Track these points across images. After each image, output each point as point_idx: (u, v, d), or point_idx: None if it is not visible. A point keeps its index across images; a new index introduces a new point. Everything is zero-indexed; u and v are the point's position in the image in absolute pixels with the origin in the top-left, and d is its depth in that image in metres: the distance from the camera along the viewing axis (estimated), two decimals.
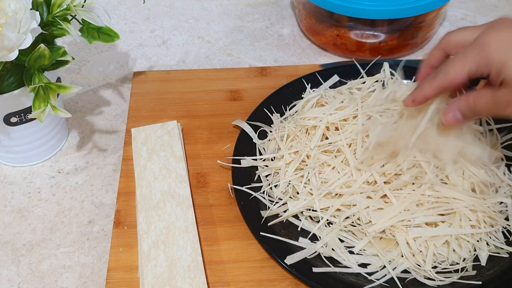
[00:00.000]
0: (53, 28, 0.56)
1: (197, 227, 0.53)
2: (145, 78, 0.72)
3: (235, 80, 0.71)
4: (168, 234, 0.52)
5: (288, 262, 0.49)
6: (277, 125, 0.61)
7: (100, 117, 0.69)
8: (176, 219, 0.54)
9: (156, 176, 0.58)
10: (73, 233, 0.56)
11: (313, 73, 0.68)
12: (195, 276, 0.49)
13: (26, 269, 0.53)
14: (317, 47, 0.79)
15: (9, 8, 0.50)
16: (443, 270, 0.49)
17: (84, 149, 0.65)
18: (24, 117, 0.58)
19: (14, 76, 0.55)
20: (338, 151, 0.55)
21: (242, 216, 0.54)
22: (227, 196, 0.58)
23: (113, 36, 0.60)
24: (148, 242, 0.52)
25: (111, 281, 0.50)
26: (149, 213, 0.54)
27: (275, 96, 0.65)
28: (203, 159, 0.61)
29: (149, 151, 0.60)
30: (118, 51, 0.79)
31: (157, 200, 0.55)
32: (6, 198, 0.60)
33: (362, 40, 0.73)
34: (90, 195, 0.60)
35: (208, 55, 0.78)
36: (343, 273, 0.50)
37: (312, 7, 0.75)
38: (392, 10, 0.68)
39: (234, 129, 0.64)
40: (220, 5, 0.88)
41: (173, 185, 0.57)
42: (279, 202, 0.54)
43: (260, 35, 0.82)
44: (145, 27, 0.84)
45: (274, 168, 0.57)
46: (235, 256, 0.52)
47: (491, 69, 0.43)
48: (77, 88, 0.54)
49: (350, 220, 0.52)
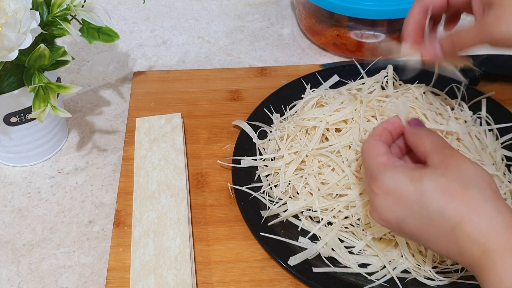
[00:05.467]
0: (53, 28, 0.56)
1: (190, 221, 0.54)
2: (145, 78, 0.72)
3: (235, 80, 0.71)
4: (159, 224, 0.53)
5: (291, 263, 0.49)
6: (277, 125, 0.61)
7: (100, 117, 0.69)
8: (169, 210, 0.54)
9: (154, 166, 0.58)
10: (73, 233, 0.56)
11: (313, 73, 0.68)
12: (181, 267, 0.49)
13: (26, 269, 0.53)
14: (317, 47, 0.79)
15: (9, 8, 0.50)
16: (443, 270, 0.49)
17: (84, 149, 0.65)
18: (24, 117, 0.58)
19: (14, 76, 0.55)
20: (338, 152, 0.55)
21: (242, 216, 0.54)
22: (227, 196, 0.58)
23: (113, 36, 0.60)
24: (139, 230, 0.52)
25: (111, 281, 0.50)
26: (143, 202, 0.55)
27: (275, 96, 0.65)
28: (203, 159, 0.61)
29: (151, 141, 0.61)
30: (118, 51, 0.79)
31: (152, 189, 0.56)
32: (6, 198, 0.60)
33: (362, 40, 0.73)
34: (90, 195, 0.60)
35: (208, 55, 0.78)
36: (343, 273, 0.50)
37: (312, 7, 0.75)
38: (392, 10, 0.68)
39: (234, 129, 0.64)
40: (220, 5, 0.88)
41: (170, 177, 0.57)
42: (279, 202, 0.54)
43: (260, 35, 0.82)
44: (145, 27, 0.84)
45: (274, 168, 0.57)
46: (235, 256, 0.52)
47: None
48: (77, 88, 0.54)
49: (350, 220, 0.52)
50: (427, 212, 0.39)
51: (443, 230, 0.38)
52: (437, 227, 0.38)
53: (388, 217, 0.41)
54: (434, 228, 0.39)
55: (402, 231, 0.41)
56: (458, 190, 0.38)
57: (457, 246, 0.38)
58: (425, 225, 0.39)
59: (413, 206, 0.39)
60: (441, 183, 0.39)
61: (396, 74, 0.63)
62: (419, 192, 0.39)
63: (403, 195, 0.40)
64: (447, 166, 0.39)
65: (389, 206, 0.41)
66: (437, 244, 0.39)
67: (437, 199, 0.38)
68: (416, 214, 0.39)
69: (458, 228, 0.37)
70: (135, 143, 0.61)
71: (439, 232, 0.38)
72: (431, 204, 0.38)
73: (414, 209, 0.39)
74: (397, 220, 0.41)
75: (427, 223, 0.39)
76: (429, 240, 0.40)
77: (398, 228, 0.41)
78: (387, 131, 0.45)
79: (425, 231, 0.39)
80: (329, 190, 0.53)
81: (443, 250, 0.39)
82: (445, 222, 0.38)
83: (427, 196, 0.39)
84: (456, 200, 0.38)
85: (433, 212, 0.38)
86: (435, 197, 0.38)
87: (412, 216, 0.40)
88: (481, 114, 0.62)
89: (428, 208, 0.39)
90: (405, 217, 0.40)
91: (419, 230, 0.40)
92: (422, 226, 0.39)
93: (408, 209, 0.40)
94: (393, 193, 0.40)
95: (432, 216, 0.38)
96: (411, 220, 0.40)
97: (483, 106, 0.62)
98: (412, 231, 0.40)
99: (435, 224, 0.38)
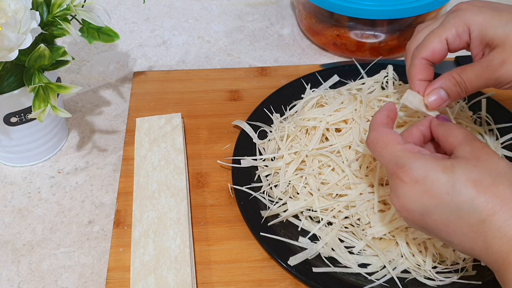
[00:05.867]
0: (53, 28, 0.56)
1: (190, 221, 0.54)
2: (145, 78, 0.72)
3: (235, 80, 0.71)
4: (159, 224, 0.53)
5: (291, 263, 0.49)
6: (277, 125, 0.61)
7: (100, 117, 0.69)
8: (169, 210, 0.54)
9: (154, 166, 0.58)
10: (73, 233, 0.56)
11: (313, 73, 0.68)
12: (181, 267, 0.49)
13: (26, 269, 0.53)
14: (317, 47, 0.79)
15: (9, 8, 0.50)
16: (443, 270, 0.49)
17: (84, 149, 0.65)
18: (24, 117, 0.58)
19: (14, 76, 0.55)
20: (338, 152, 0.55)
21: (242, 216, 0.54)
22: (227, 196, 0.58)
23: (113, 36, 0.60)
24: (139, 230, 0.52)
25: (111, 281, 0.50)
26: (143, 202, 0.55)
27: (275, 96, 0.65)
28: (203, 159, 0.61)
29: (151, 141, 0.61)
30: (118, 51, 0.79)
31: (152, 189, 0.56)
32: (6, 198, 0.60)
33: (362, 40, 0.73)
34: (90, 195, 0.60)
35: (208, 55, 0.78)
36: (343, 273, 0.50)
37: (312, 7, 0.75)
38: (392, 10, 0.68)
39: (234, 129, 0.64)
40: (220, 5, 0.88)
41: (170, 177, 0.57)
42: (279, 202, 0.54)
43: (260, 35, 0.82)
44: (145, 27, 0.84)
45: (274, 168, 0.57)
46: (235, 256, 0.52)
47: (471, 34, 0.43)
48: (77, 88, 0.54)
49: (349, 220, 0.52)
50: (457, 203, 0.37)
51: (471, 223, 0.37)
52: (465, 219, 0.37)
53: (413, 207, 0.39)
54: (462, 220, 0.37)
55: (425, 223, 0.39)
56: (490, 183, 0.37)
57: (483, 241, 0.37)
58: (453, 217, 0.38)
59: (442, 196, 0.38)
60: (473, 175, 0.38)
61: (396, 74, 0.63)
62: (451, 182, 0.38)
63: (434, 184, 0.38)
64: (479, 158, 0.38)
65: (416, 196, 0.39)
66: (462, 239, 0.38)
67: (469, 190, 0.37)
68: (444, 205, 0.38)
69: (489, 221, 0.36)
70: (135, 143, 0.61)
71: (466, 225, 0.37)
72: (463, 196, 0.37)
73: (444, 199, 0.38)
74: (422, 211, 0.39)
75: (455, 215, 0.38)
76: (453, 234, 0.38)
77: (421, 219, 0.39)
78: (389, 118, 0.44)
79: (451, 224, 0.38)
80: (329, 190, 0.53)
81: (466, 245, 0.38)
82: (475, 214, 0.37)
83: (459, 187, 0.37)
84: (488, 193, 0.37)
85: (464, 203, 0.37)
86: (467, 188, 0.37)
87: (440, 208, 0.38)
88: (481, 114, 0.62)
89: (459, 199, 0.37)
90: (432, 208, 0.38)
91: (445, 223, 0.38)
92: (449, 218, 0.38)
93: (436, 199, 0.38)
94: (423, 182, 0.39)
95: (462, 208, 0.37)
96: (438, 211, 0.38)
97: (483, 106, 0.62)
98: (436, 223, 0.39)
99: (464, 216, 0.37)
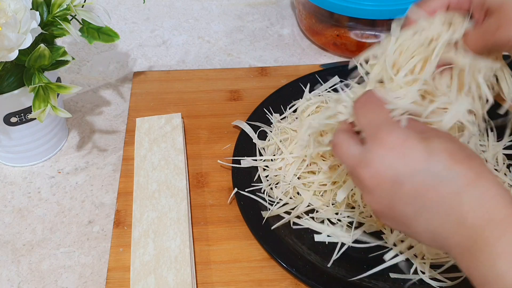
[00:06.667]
0: (53, 28, 0.56)
1: (190, 221, 0.54)
2: (145, 78, 0.72)
3: (235, 80, 0.71)
4: (159, 224, 0.53)
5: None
6: (276, 125, 0.61)
7: (100, 117, 0.69)
8: (169, 210, 0.54)
9: (154, 166, 0.58)
10: (73, 233, 0.56)
11: (313, 73, 0.68)
12: (181, 267, 0.49)
13: (26, 269, 0.53)
14: (317, 47, 0.79)
15: (9, 8, 0.50)
16: (444, 270, 0.49)
17: (84, 149, 0.65)
18: (24, 117, 0.58)
19: (14, 76, 0.55)
20: None
21: (242, 216, 0.54)
22: (227, 196, 0.58)
23: (113, 36, 0.60)
24: (139, 230, 0.52)
25: (111, 281, 0.50)
26: (143, 202, 0.55)
27: (275, 96, 0.65)
28: (203, 159, 0.61)
29: (151, 141, 0.61)
30: (118, 51, 0.79)
31: (152, 190, 0.56)
32: (6, 198, 0.60)
33: (362, 40, 0.73)
34: (90, 195, 0.60)
35: (208, 55, 0.78)
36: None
37: (312, 7, 0.75)
38: (392, 10, 0.68)
39: (234, 129, 0.64)
40: (220, 5, 0.88)
41: (170, 177, 0.57)
42: (279, 203, 0.54)
43: (260, 35, 0.82)
44: (145, 27, 0.84)
45: (274, 168, 0.57)
46: (235, 256, 0.52)
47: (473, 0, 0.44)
48: (77, 88, 0.54)
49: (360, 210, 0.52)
50: (433, 171, 0.36)
51: (446, 193, 0.36)
52: (439, 190, 0.36)
53: (385, 174, 0.38)
54: (436, 191, 0.36)
55: (394, 193, 0.38)
56: (464, 157, 0.37)
57: (457, 214, 0.36)
58: (426, 187, 0.37)
59: (418, 163, 0.37)
60: (450, 146, 0.37)
61: None
62: (428, 150, 0.37)
63: (411, 150, 0.37)
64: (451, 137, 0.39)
65: (391, 161, 0.38)
66: (433, 212, 0.37)
67: (447, 160, 0.36)
68: (419, 173, 0.37)
69: (465, 192, 0.36)
70: (135, 143, 0.61)
71: (440, 196, 0.36)
72: (440, 164, 0.36)
73: (420, 166, 0.37)
74: (394, 178, 0.37)
75: (429, 184, 0.36)
76: (423, 209, 0.37)
77: (391, 191, 0.38)
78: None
79: (423, 195, 0.37)
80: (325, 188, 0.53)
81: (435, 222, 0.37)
82: (451, 185, 0.36)
83: (436, 155, 0.37)
84: (464, 164, 0.36)
85: (440, 172, 0.36)
86: (445, 157, 0.36)
87: (414, 176, 0.37)
88: None
89: (436, 168, 0.36)
90: (405, 176, 0.37)
91: (415, 194, 0.37)
92: (421, 188, 0.37)
93: (411, 166, 0.37)
94: (400, 147, 0.37)
95: (438, 176, 0.36)
96: (411, 180, 0.37)
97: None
98: (406, 197, 0.37)
99: (439, 185, 0.36)
